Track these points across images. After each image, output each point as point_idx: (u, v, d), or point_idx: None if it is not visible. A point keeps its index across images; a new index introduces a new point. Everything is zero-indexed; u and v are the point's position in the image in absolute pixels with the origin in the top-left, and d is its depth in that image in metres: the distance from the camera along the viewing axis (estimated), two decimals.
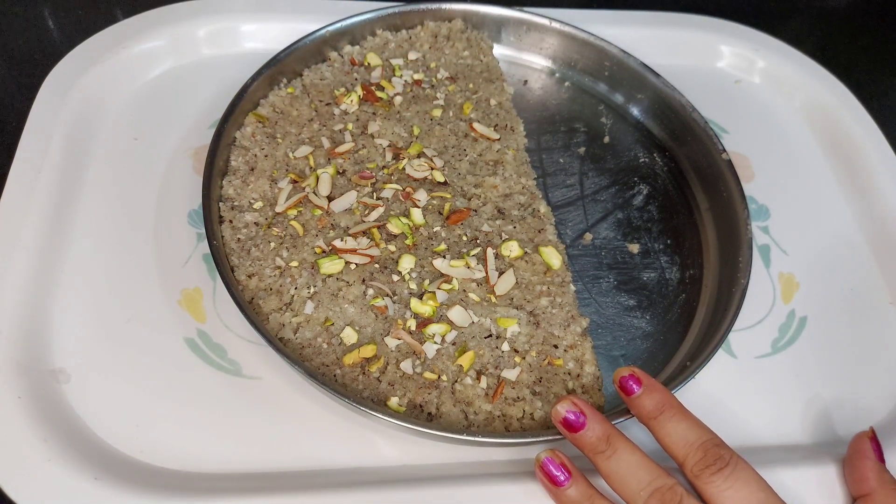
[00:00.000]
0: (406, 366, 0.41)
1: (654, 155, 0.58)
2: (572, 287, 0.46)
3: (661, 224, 0.54)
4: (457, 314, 0.43)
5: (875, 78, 0.73)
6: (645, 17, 0.67)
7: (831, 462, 0.41)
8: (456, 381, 0.41)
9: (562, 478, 0.36)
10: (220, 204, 0.46)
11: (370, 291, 0.43)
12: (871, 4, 0.82)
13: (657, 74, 0.58)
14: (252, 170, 0.48)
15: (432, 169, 0.50)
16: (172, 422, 0.40)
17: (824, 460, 0.41)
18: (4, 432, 0.37)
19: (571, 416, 0.37)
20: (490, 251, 0.46)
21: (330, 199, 0.47)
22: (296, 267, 0.44)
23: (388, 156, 0.50)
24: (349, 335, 0.41)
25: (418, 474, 0.39)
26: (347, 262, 0.44)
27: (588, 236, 0.52)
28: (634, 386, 0.38)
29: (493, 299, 0.44)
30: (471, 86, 0.57)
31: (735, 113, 0.63)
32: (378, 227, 0.46)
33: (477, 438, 0.37)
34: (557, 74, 0.62)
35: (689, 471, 0.35)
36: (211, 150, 0.46)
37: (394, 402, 0.39)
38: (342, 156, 0.50)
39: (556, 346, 0.43)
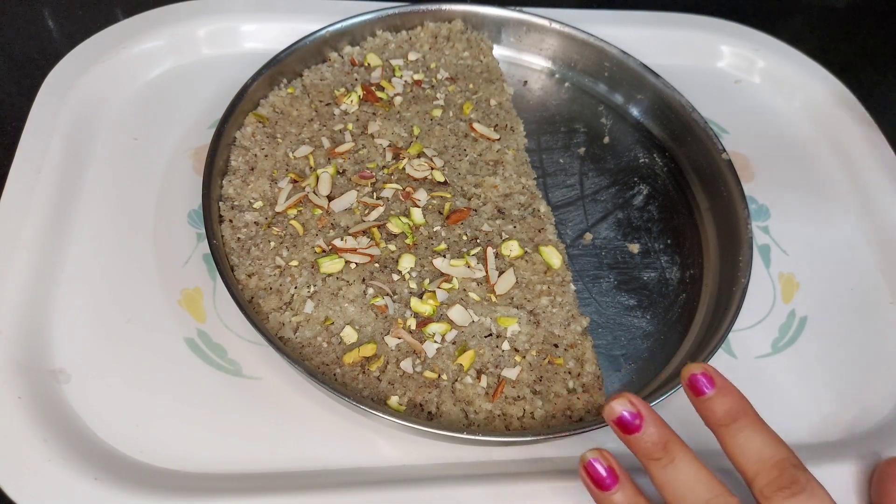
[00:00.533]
0: (406, 365, 0.40)
1: (654, 155, 0.58)
2: (572, 286, 0.46)
3: (662, 224, 0.54)
4: (457, 313, 0.43)
5: (875, 78, 0.73)
6: (645, 17, 0.67)
7: (831, 462, 0.41)
8: (456, 381, 0.41)
9: (608, 482, 0.33)
10: (220, 203, 0.46)
11: (370, 290, 0.43)
12: (871, 4, 0.82)
13: (657, 75, 0.58)
14: (252, 170, 0.48)
15: (432, 169, 0.50)
16: (172, 422, 0.40)
17: (825, 461, 0.41)
18: (4, 432, 0.37)
19: (627, 416, 0.33)
20: (490, 251, 0.46)
21: (330, 198, 0.47)
22: (296, 266, 0.44)
23: (388, 156, 0.50)
24: (349, 334, 0.41)
25: (418, 474, 0.39)
26: (347, 262, 0.44)
27: (588, 236, 0.52)
28: (706, 386, 0.34)
29: (494, 298, 0.44)
30: (471, 86, 0.57)
31: (735, 113, 0.63)
32: (378, 227, 0.46)
33: (477, 437, 0.37)
34: (557, 75, 0.62)
35: (759, 490, 0.32)
36: (211, 150, 0.46)
37: (394, 401, 0.39)
38: (342, 156, 0.50)
39: (556, 346, 0.43)
